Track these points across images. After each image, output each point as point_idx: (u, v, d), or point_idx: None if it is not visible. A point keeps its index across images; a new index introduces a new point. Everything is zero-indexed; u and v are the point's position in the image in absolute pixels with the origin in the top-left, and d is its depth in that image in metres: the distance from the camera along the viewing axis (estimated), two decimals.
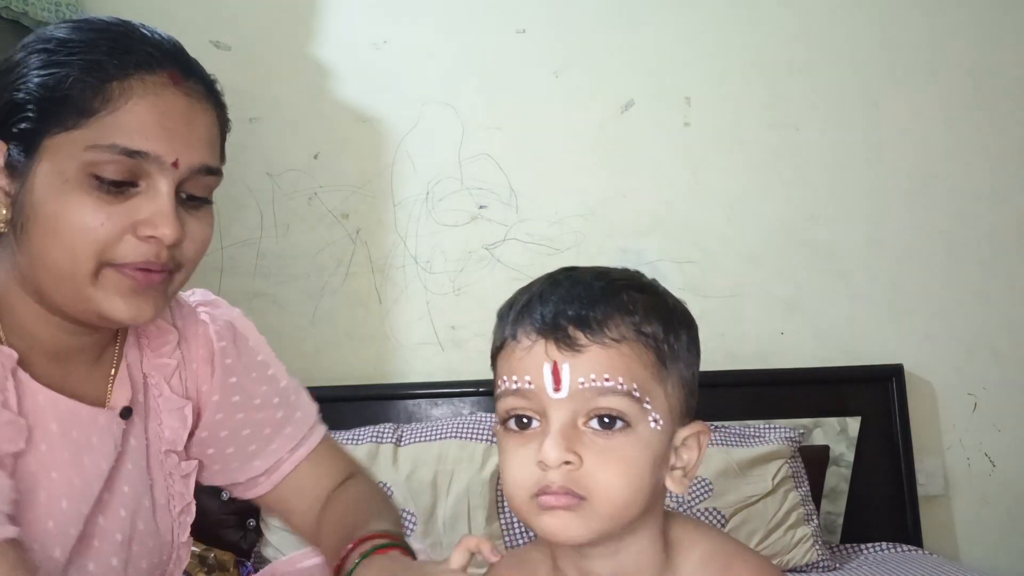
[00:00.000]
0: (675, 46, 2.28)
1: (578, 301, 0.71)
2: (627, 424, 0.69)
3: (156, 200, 0.78)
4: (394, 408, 2.16)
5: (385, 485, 1.90)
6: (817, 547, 1.90)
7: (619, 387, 0.69)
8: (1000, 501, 2.26)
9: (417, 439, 1.97)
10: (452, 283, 2.25)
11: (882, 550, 2.03)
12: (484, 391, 2.18)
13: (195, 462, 0.96)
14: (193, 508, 0.96)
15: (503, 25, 2.27)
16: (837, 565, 1.93)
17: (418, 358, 2.25)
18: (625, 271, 0.77)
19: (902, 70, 2.28)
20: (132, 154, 0.76)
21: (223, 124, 0.87)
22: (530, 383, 0.69)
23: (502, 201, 2.26)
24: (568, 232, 2.25)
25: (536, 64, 2.27)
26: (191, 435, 0.98)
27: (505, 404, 0.72)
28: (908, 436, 2.17)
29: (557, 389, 0.69)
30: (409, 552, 0.88)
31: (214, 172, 0.84)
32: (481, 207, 2.26)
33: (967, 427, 2.27)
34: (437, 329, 2.24)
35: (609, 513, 0.69)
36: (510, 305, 0.75)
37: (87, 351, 0.88)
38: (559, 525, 0.69)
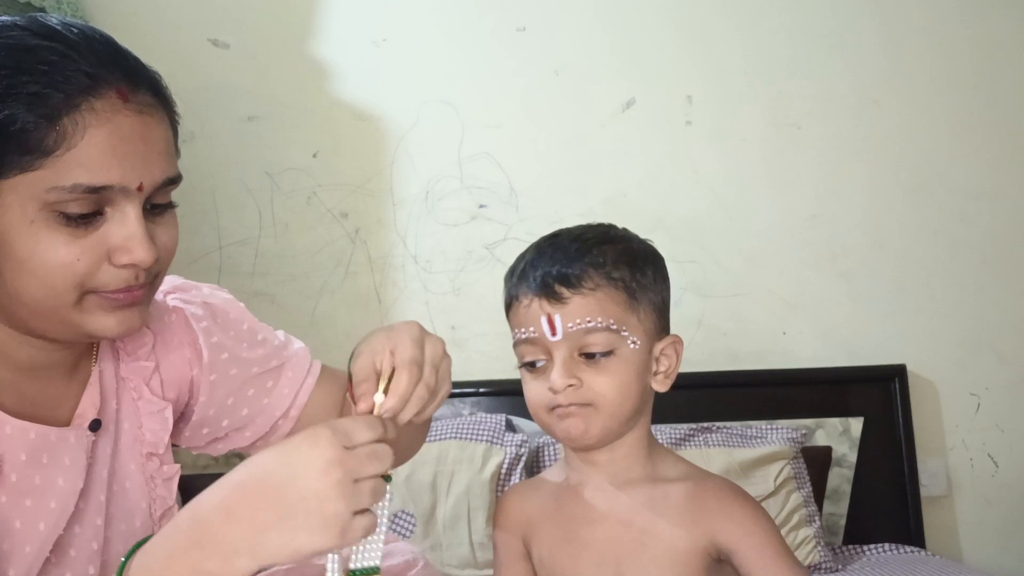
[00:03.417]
0: (677, 44, 2.27)
1: (559, 263, 0.93)
2: (611, 351, 0.91)
3: (126, 225, 0.77)
4: None
5: None
6: (819, 548, 1.89)
7: (599, 325, 0.90)
8: (1003, 502, 2.26)
9: None
10: (452, 283, 2.24)
11: (885, 551, 2.03)
12: (484, 391, 2.17)
13: (177, 466, 0.95)
14: (176, 512, 0.95)
15: (503, 23, 2.26)
16: (839, 566, 1.92)
17: None
18: (599, 227, 1.00)
19: (903, 69, 2.28)
20: (96, 190, 0.74)
21: (175, 123, 0.83)
22: (533, 332, 0.92)
23: (502, 200, 2.25)
24: None
25: (536, 62, 2.26)
26: (197, 419, 0.99)
27: (520, 351, 0.95)
28: (911, 436, 2.17)
29: (554, 334, 0.91)
30: None
31: (175, 180, 0.82)
32: (481, 206, 2.25)
33: (970, 427, 2.26)
34: (437, 329, 2.22)
35: (609, 412, 0.91)
36: (512, 271, 0.98)
37: (63, 365, 0.87)
38: (573, 427, 0.92)
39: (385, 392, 0.77)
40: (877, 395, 2.19)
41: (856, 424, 2.15)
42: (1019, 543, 2.24)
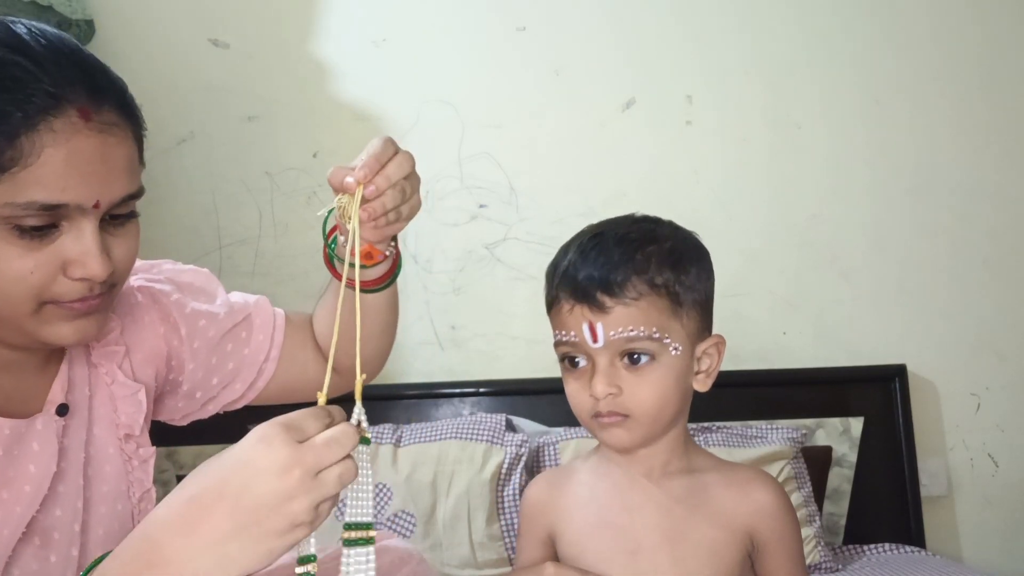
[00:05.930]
0: (677, 44, 2.27)
1: (602, 269, 0.91)
2: (652, 357, 0.91)
3: (81, 241, 0.77)
4: (393, 408, 2.15)
5: (384, 486, 1.89)
6: (819, 548, 1.89)
7: (641, 334, 0.90)
8: (1003, 502, 2.25)
9: (417, 440, 1.95)
10: (452, 283, 2.24)
11: (885, 551, 2.02)
12: (484, 391, 2.16)
13: (153, 449, 0.97)
14: (153, 495, 0.96)
15: (503, 23, 2.26)
16: (840, 566, 1.92)
17: (418, 358, 2.23)
18: (643, 224, 0.97)
19: (904, 68, 2.27)
20: (51, 207, 0.74)
21: (139, 138, 0.83)
22: (575, 336, 0.92)
23: (502, 200, 2.25)
24: (569, 231, 2.18)
25: (536, 62, 2.26)
26: (189, 387, 1.02)
27: (561, 350, 0.95)
28: (911, 436, 2.16)
29: (595, 341, 0.91)
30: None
31: (136, 195, 0.82)
32: (481, 206, 2.25)
33: (970, 427, 2.26)
34: (437, 329, 2.23)
35: (647, 422, 0.92)
36: (554, 267, 0.97)
37: (34, 360, 0.88)
38: (616, 437, 0.93)
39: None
40: (877, 395, 2.19)
41: (856, 424, 2.15)
42: (1019, 543, 2.24)
